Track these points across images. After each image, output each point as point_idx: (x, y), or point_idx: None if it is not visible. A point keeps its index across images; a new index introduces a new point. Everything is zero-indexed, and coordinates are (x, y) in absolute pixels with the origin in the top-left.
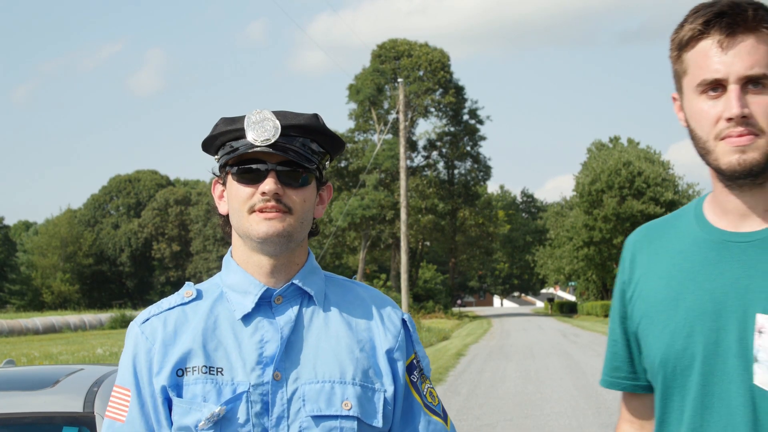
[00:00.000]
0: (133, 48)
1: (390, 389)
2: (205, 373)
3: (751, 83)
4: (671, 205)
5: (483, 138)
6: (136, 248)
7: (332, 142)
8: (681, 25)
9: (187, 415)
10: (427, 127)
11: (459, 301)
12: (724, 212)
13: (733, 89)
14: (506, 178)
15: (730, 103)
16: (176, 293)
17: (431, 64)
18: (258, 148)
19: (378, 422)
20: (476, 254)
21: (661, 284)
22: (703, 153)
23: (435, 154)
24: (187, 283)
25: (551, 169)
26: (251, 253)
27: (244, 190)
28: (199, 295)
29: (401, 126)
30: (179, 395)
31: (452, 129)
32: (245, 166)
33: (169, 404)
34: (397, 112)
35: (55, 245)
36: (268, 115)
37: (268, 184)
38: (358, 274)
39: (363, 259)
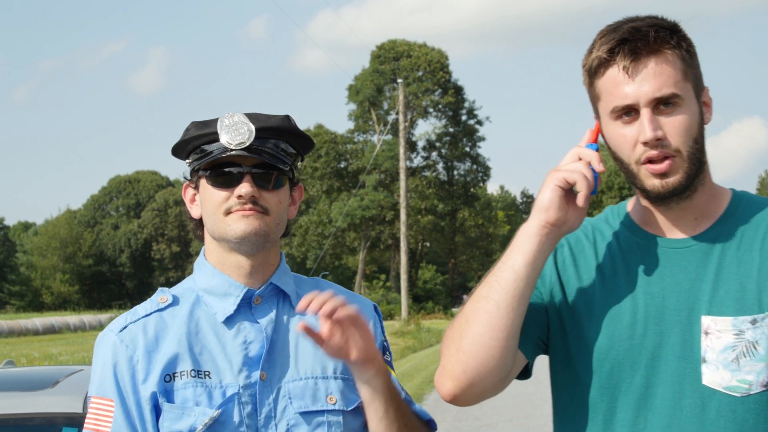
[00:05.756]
0: (136, 47)
1: None
2: (194, 377)
3: (661, 104)
4: None
5: (482, 139)
6: (135, 249)
7: (303, 143)
8: (589, 52)
9: (179, 420)
10: (426, 128)
11: (465, 297)
12: (652, 222)
13: (645, 113)
14: (506, 178)
15: (643, 127)
16: (149, 300)
17: (430, 65)
18: (233, 152)
19: (363, 413)
20: (476, 255)
21: (599, 287)
22: (629, 176)
23: (434, 154)
24: (160, 288)
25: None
26: (227, 254)
27: (220, 194)
28: (175, 301)
29: (401, 127)
30: (169, 401)
31: (451, 129)
32: (220, 169)
33: (156, 411)
34: (397, 113)
35: (54, 246)
36: (241, 118)
37: (245, 188)
38: (357, 274)
39: (363, 260)
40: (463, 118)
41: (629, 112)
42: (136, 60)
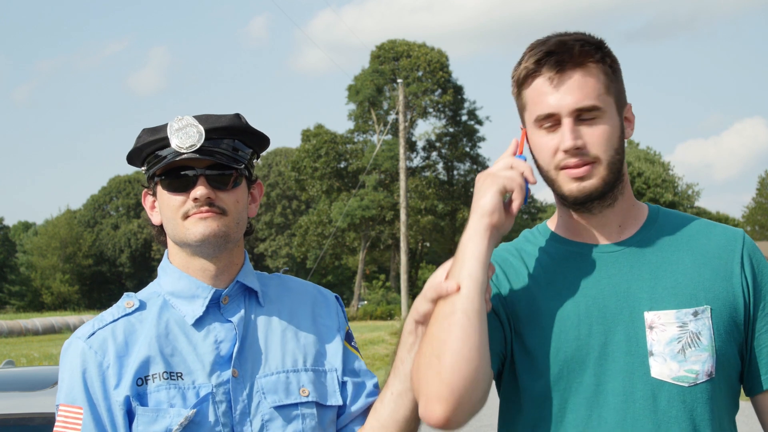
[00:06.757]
0: (136, 46)
1: (339, 366)
2: (167, 378)
3: (583, 115)
4: (671, 207)
5: (482, 139)
6: (135, 249)
7: (257, 140)
8: (518, 64)
9: (154, 422)
10: (426, 128)
11: None
12: (578, 232)
13: (566, 123)
14: None
15: (564, 136)
16: (116, 305)
17: (430, 65)
18: (184, 155)
19: (337, 401)
20: None
21: (537, 299)
22: (548, 182)
23: (434, 154)
24: (126, 293)
25: None
26: (191, 258)
27: (176, 199)
28: (142, 305)
29: (401, 127)
30: (143, 404)
31: (451, 129)
32: (174, 173)
33: (129, 416)
34: (397, 113)
35: (54, 246)
36: (190, 120)
37: (200, 190)
38: (357, 274)
39: (362, 260)
40: (463, 118)
41: (551, 121)
42: (136, 60)
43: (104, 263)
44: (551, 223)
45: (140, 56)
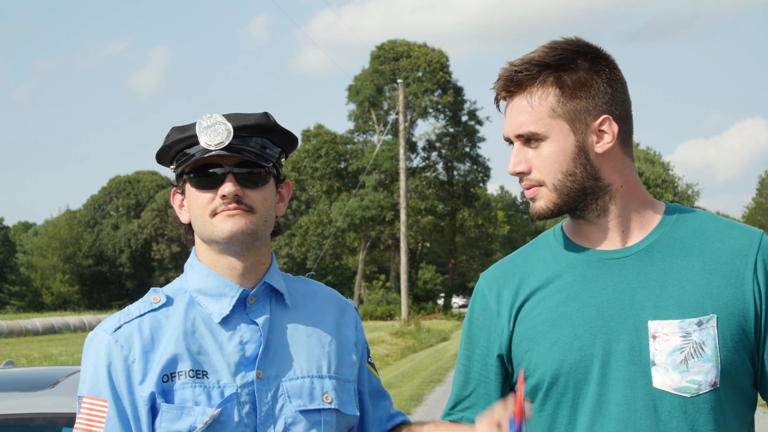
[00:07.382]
0: (137, 46)
1: (356, 377)
2: (193, 377)
3: (529, 139)
4: None
5: (482, 139)
6: (135, 249)
7: (286, 139)
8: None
9: (177, 420)
10: (426, 128)
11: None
12: (585, 235)
13: (513, 148)
14: (506, 178)
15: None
16: (141, 300)
17: (430, 65)
18: (213, 152)
19: (355, 410)
20: (476, 255)
21: (541, 307)
22: None
23: (434, 155)
24: (152, 288)
25: None
26: (219, 256)
27: (204, 196)
28: (168, 301)
29: (401, 127)
30: (168, 401)
31: (451, 130)
32: (202, 171)
33: (152, 412)
34: (397, 113)
35: (54, 246)
36: (219, 118)
37: (228, 187)
38: (357, 275)
39: (363, 260)
40: (463, 118)
41: (512, 144)
42: (136, 60)
43: (104, 263)
44: (565, 224)
45: (140, 56)
